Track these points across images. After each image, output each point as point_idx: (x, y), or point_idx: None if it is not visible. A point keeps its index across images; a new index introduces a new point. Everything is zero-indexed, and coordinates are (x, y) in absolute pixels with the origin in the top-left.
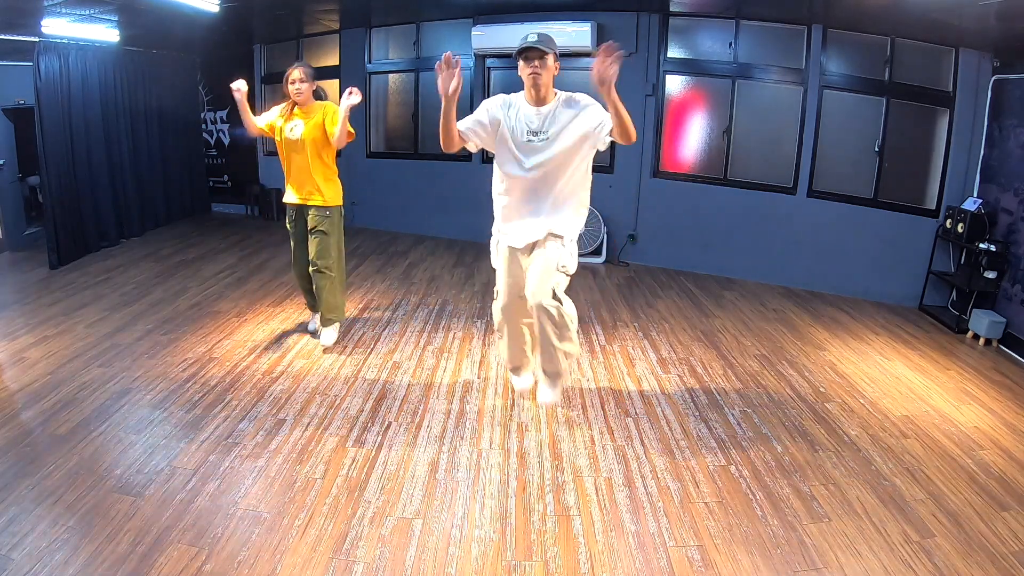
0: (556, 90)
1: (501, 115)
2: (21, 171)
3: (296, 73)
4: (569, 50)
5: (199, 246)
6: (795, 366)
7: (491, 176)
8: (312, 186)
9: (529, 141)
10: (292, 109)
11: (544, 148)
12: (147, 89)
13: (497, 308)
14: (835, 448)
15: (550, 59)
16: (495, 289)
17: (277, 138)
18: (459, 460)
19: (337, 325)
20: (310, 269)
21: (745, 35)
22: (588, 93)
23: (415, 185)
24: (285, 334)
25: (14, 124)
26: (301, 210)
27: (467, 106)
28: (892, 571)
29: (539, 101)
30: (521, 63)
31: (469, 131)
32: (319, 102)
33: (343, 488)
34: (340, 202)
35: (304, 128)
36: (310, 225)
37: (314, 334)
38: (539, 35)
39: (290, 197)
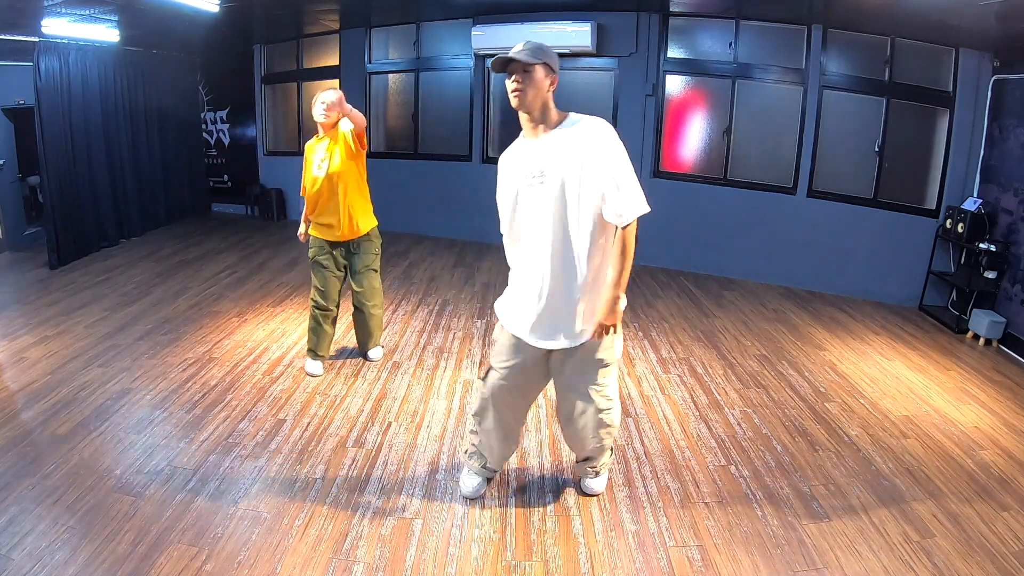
0: (561, 111)
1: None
2: (21, 171)
3: (332, 96)
4: (569, 50)
5: (199, 246)
6: (795, 366)
7: (491, 177)
8: (349, 220)
9: (530, 185)
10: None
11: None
12: (147, 89)
13: (486, 393)
14: (835, 448)
15: (539, 71)
16: (489, 362)
17: (305, 173)
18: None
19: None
20: (355, 308)
21: (745, 35)
22: (586, 96)
23: (415, 185)
24: (285, 334)
25: (14, 124)
26: (338, 245)
27: (467, 108)
28: (892, 571)
29: (534, 127)
30: (505, 80)
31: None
32: (338, 131)
33: (343, 488)
34: (375, 221)
35: (329, 163)
36: (360, 264)
37: (312, 374)
38: (525, 43)
39: (324, 233)
